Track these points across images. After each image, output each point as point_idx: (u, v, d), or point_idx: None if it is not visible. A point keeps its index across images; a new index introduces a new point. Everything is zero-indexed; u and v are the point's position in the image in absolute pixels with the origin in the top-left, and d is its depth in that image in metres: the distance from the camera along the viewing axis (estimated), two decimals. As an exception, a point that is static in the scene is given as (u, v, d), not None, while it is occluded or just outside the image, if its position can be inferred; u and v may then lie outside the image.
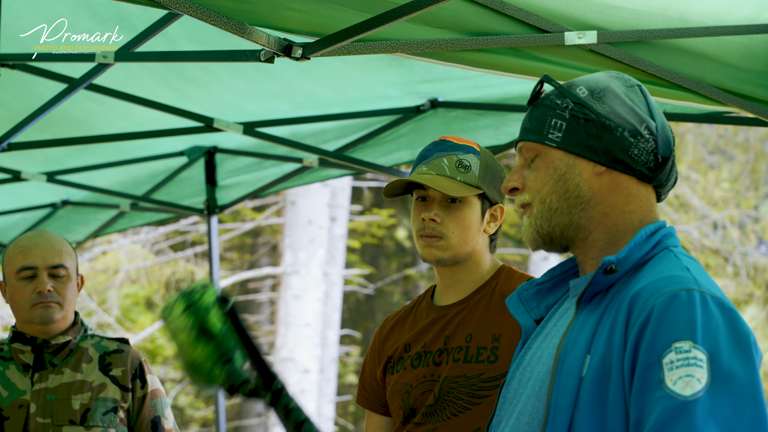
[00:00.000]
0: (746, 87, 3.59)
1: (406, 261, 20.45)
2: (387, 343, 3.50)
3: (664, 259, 2.38)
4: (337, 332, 15.30)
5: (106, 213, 7.21)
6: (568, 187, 2.45)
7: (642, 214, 2.46)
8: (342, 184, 14.98)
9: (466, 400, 3.28)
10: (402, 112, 5.22)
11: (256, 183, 6.36)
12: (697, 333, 2.19)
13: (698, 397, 2.15)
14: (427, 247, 3.34)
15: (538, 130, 2.48)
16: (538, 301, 2.62)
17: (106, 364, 4.02)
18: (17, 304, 3.98)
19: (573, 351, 2.35)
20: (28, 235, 4.04)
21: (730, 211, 16.50)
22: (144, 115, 5.33)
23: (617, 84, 2.48)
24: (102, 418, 3.94)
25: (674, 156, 2.50)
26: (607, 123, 2.42)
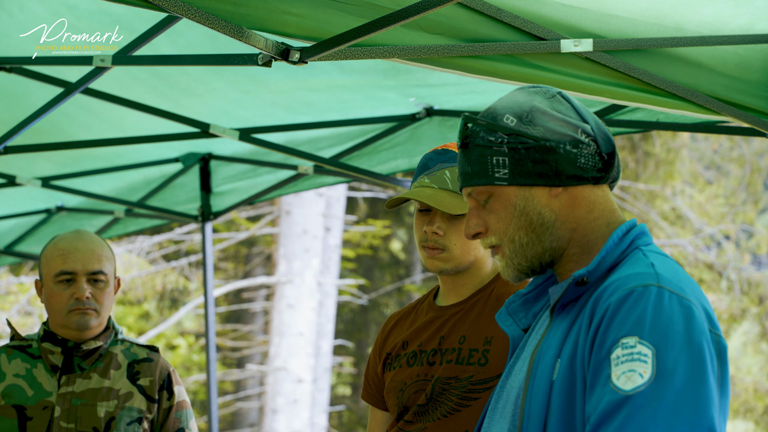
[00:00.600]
0: (741, 96, 3.60)
1: (401, 273, 20.44)
2: (388, 340, 3.57)
3: (632, 259, 2.39)
4: (331, 342, 15.29)
5: (100, 219, 7.21)
6: (531, 218, 2.45)
7: (606, 216, 2.47)
8: (337, 194, 14.98)
9: (456, 402, 3.32)
10: (398, 120, 5.23)
11: (251, 190, 6.36)
12: (645, 328, 2.20)
13: (638, 392, 2.15)
14: (429, 259, 3.40)
15: (482, 172, 2.46)
16: (525, 311, 2.64)
17: (134, 372, 3.99)
18: (53, 308, 3.94)
19: (545, 357, 2.37)
20: (68, 237, 3.98)
21: (725, 226, 16.52)
22: (139, 122, 5.33)
23: (539, 100, 2.47)
24: (126, 428, 3.90)
25: (615, 148, 2.50)
26: (547, 144, 2.41)
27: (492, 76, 3.45)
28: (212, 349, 6.37)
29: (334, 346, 17.64)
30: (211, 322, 6.43)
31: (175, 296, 18.09)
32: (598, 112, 4.73)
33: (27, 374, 3.95)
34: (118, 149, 5.86)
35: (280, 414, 14.12)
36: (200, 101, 5.03)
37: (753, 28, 3.48)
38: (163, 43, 4.27)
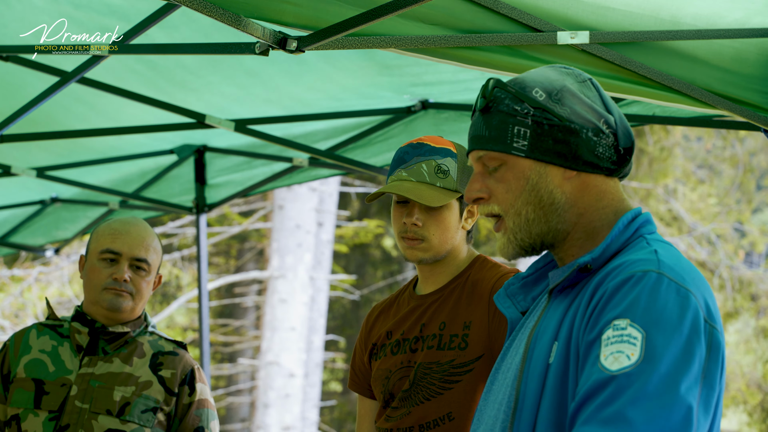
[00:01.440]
0: (736, 90, 3.61)
1: (393, 269, 20.45)
2: (373, 331, 3.67)
3: (636, 247, 2.39)
4: (322, 337, 15.30)
5: (95, 210, 7.22)
6: (542, 196, 2.44)
7: (615, 206, 2.47)
8: (330, 190, 14.98)
9: (438, 385, 3.41)
10: (393, 113, 5.24)
11: (246, 182, 6.37)
12: (637, 312, 2.20)
13: (623, 373, 2.15)
14: (409, 249, 3.49)
15: (500, 138, 2.44)
16: (524, 293, 2.64)
17: (157, 363, 3.99)
18: (91, 282, 3.96)
19: (542, 339, 2.38)
20: (123, 220, 4.01)
21: (718, 225, 16.54)
22: (135, 113, 5.34)
23: (571, 81, 2.45)
24: (140, 416, 3.90)
25: (634, 145, 2.50)
26: (571, 126, 2.41)
27: (488, 67, 3.46)
28: (206, 340, 6.37)
29: (325, 341, 17.64)
30: (205, 314, 6.44)
31: (166, 291, 18.08)
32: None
33: (52, 351, 3.99)
34: (113, 141, 5.86)
35: (271, 408, 14.12)
36: (196, 95, 5.04)
37: (749, 22, 3.49)
38: (159, 35, 4.28)
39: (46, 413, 3.89)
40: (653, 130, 15.94)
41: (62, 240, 7.71)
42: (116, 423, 3.88)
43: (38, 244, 7.85)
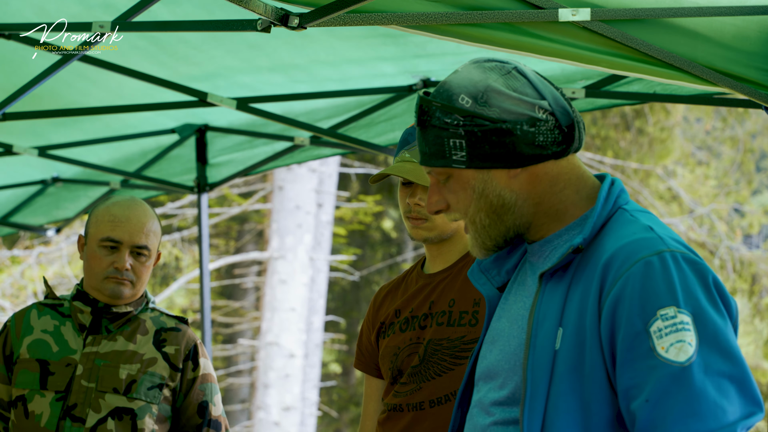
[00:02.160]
0: (738, 68, 3.61)
1: (392, 251, 20.46)
2: (380, 310, 3.70)
3: (622, 221, 2.40)
4: (322, 318, 15.31)
5: (96, 190, 7.22)
6: (491, 200, 2.44)
7: (575, 184, 2.47)
8: (329, 170, 14.98)
9: (449, 361, 3.45)
10: (395, 92, 5.24)
11: (247, 161, 6.37)
12: (679, 297, 2.24)
13: (693, 361, 2.20)
14: (414, 228, 3.55)
15: (439, 153, 2.43)
16: (498, 267, 2.64)
17: (160, 339, 4.00)
18: (92, 269, 3.97)
19: (544, 325, 2.38)
20: (122, 204, 3.99)
21: (717, 205, 16.55)
22: (137, 91, 5.34)
23: (495, 77, 2.42)
24: (146, 392, 3.92)
25: (577, 115, 2.47)
26: (504, 126, 2.38)
27: (489, 44, 3.45)
28: (207, 319, 6.39)
29: (325, 322, 17.65)
30: (206, 293, 6.45)
31: (166, 272, 18.09)
32: (596, 82, 4.76)
33: (55, 331, 4.00)
34: (115, 119, 5.86)
35: (271, 389, 14.15)
36: (198, 69, 5.03)
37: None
38: (162, 11, 4.27)
39: (52, 394, 3.91)
40: (653, 110, 15.93)
41: (63, 220, 7.72)
42: (123, 401, 3.90)
43: (39, 224, 7.85)
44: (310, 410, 15.12)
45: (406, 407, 3.52)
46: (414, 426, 3.51)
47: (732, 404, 2.19)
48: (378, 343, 3.68)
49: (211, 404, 4.04)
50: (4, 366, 4.02)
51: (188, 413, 4.01)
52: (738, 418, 2.19)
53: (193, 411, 4.02)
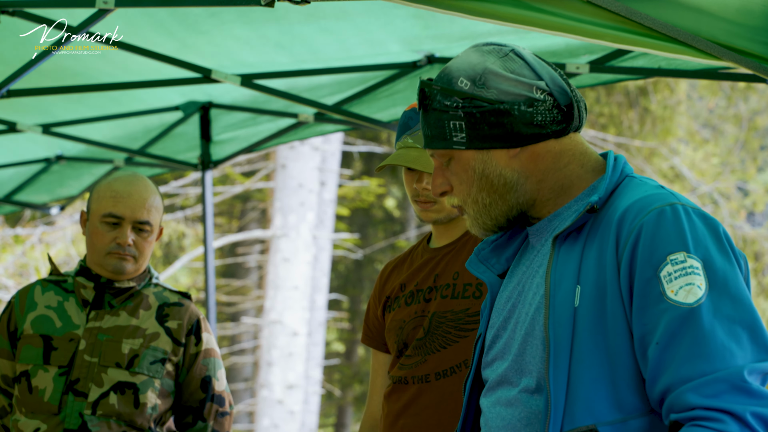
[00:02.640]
0: (741, 42, 3.61)
1: (395, 229, 20.48)
2: (386, 284, 3.72)
3: (632, 185, 2.45)
4: (326, 296, 15.34)
5: (100, 168, 7.22)
6: (492, 180, 2.48)
7: (579, 160, 2.51)
8: (332, 149, 14.98)
9: (454, 333, 3.48)
10: (399, 68, 5.24)
11: (251, 138, 6.38)
12: (689, 243, 2.28)
13: (701, 303, 2.24)
14: (423, 211, 3.57)
15: (440, 136, 2.49)
16: (497, 256, 2.68)
17: (163, 314, 4.02)
18: (94, 245, 3.98)
19: (562, 285, 2.40)
20: (123, 180, 4.01)
21: (721, 184, 16.55)
22: (142, 66, 5.34)
23: (492, 60, 2.47)
24: (149, 367, 3.94)
25: (576, 95, 2.52)
26: (501, 107, 2.43)
27: (494, 18, 3.44)
28: (211, 296, 6.40)
29: (328, 300, 17.68)
30: (211, 270, 6.46)
31: (169, 251, 18.11)
32: (600, 57, 4.75)
33: (58, 306, 4.02)
34: (119, 96, 5.86)
35: (275, 367, 14.18)
36: (206, 39, 5.00)
37: (754, -28, 3.49)
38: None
39: (55, 368, 3.93)
40: (657, 89, 15.91)
41: (67, 198, 7.73)
42: (126, 375, 3.92)
43: (43, 202, 7.87)
44: (313, 388, 15.16)
45: (411, 380, 3.54)
46: (419, 398, 3.53)
47: (742, 348, 2.21)
48: (384, 317, 3.70)
49: (215, 379, 4.06)
50: (9, 342, 4.04)
51: (191, 388, 4.03)
52: (747, 362, 2.20)
53: (196, 385, 4.03)
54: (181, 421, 4.07)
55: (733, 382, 2.19)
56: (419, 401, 3.53)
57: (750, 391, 2.19)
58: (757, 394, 2.19)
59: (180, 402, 4.05)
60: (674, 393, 2.23)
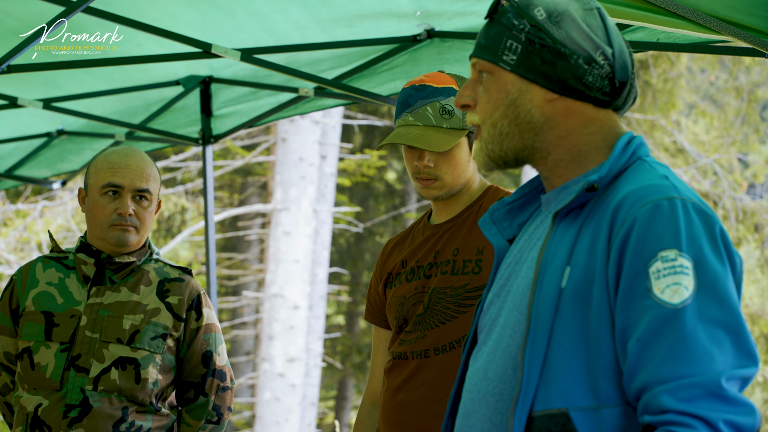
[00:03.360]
0: (740, 16, 3.61)
1: (396, 202, 20.47)
2: (388, 261, 3.75)
3: (639, 169, 2.41)
4: (326, 270, 15.35)
5: (101, 143, 7.21)
6: (519, 112, 2.46)
7: (603, 133, 2.48)
8: (333, 122, 14.97)
9: (453, 309, 3.51)
10: (398, 42, 5.24)
11: (251, 113, 6.37)
12: (682, 241, 2.24)
13: (687, 305, 2.19)
14: (424, 188, 3.59)
15: (493, 49, 2.48)
16: (510, 220, 2.66)
17: (164, 290, 4.03)
18: (95, 219, 3.99)
19: (552, 264, 2.38)
20: (120, 152, 4.01)
21: (721, 156, 16.53)
22: (142, 41, 5.33)
23: (576, 7, 2.45)
24: (150, 342, 3.95)
25: (633, 78, 2.50)
26: (562, 50, 2.42)
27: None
28: (212, 270, 6.41)
29: (329, 273, 17.69)
30: (212, 245, 6.46)
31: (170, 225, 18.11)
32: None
33: (59, 283, 4.03)
34: (119, 71, 5.86)
35: (276, 340, 14.21)
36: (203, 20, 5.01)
37: (754, -54, 3.49)
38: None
39: (57, 345, 3.94)
40: (657, 62, 15.89)
41: (68, 172, 7.73)
42: (127, 351, 3.93)
43: (44, 177, 7.87)
44: (314, 361, 15.19)
45: (411, 355, 3.56)
46: (418, 373, 3.55)
47: (723, 353, 2.18)
48: (385, 293, 3.73)
49: (215, 354, 4.08)
50: (11, 319, 4.05)
51: (192, 363, 4.05)
52: (727, 368, 2.17)
53: (197, 361, 4.05)
54: (183, 396, 4.09)
55: (709, 387, 2.15)
56: (418, 376, 3.55)
57: (725, 398, 2.15)
58: (732, 401, 2.15)
59: (181, 377, 4.07)
60: (650, 393, 2.19)
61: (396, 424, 3.59)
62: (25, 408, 3.94)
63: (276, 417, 14.12)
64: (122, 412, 3.91)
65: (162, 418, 4.01)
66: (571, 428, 2.27)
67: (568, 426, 2.28)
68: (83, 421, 3.88)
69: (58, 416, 3.89)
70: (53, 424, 3.89)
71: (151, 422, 3.97)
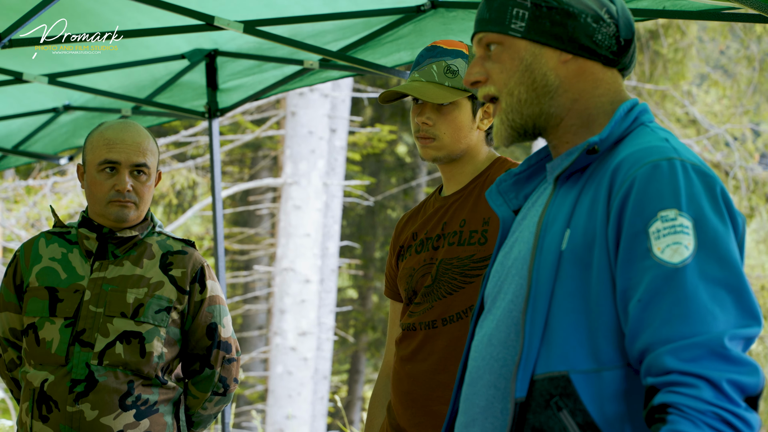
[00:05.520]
0: (747, -19, 3.58)
1: (406, 175, 20.46)
2: (401, 235, 3.78)
3: (641, 133, 2.41)
4: (337, 243, 15.36)
5: (107, 117, 7.20)
6: (536, 77, 2.46)
7: (611, 96, 2.48)
8: (342, 96, 14.95)
9: (459, 279, 3.52)
10: (403, 12, 5.22)
11: (257, 86, 6.36)
12: (682, 201, 2.23)
13: (687, 264, 2.18)
14: (423, 148, 3.60)
15: (499, 20, 2.47)
16: (516, 191, 2.65)
17: (167, 263, 4.02)
18: (94, 196, 3.97)
19: (553, 227, 2.39)
20: (115, 127, 3.98)
21: (733, 126, 16.48)
22: (145, 15, 5.32)
23: None
24: (154, 316, 3.94)
25: (635, 39, 2.51)
26: (570, 9, 2.43)
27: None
28: (220, 245, 6.40)
29: (340, 247, 17.70)
30: (219, 219, 6.46)
31: (181, 199, 18.13)
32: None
33: (62, 258, 4.03)
34: (124, 47, 5.84)
35: (287, 314, 14.23)
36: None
37: None
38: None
39: (61, 320, 3.94)
40: (668, 32, 15.83)
41: (76, 148, 7.72)
42: (131, 324, 3.93)
43: (52, 153, 7.86)
44: (326, 335, 15.21)
45: (419, 326, 3.58)
46: (427, 344, 3.57)
47: (726, 313, 2.16)
48: (398, 266, 3.75)
49: (220, 326, 4.07)
50: (15, 296, 4.06)
51: (197, 335, 4.04)
52: (729, 327, 2.15)
53: (202, 333, 4.05)
54: (189, 369, 4.09)
55: (711, 347, 2.13)
56: (426, 347, 3.57)
57: (728, 358, 2.13)
58: (735, 361, 2.13)
59: (187, 350, 4.06)
60: (652, 354, 2.18)
61: (404, 394, 3.61)
62: (32, 383, 3.94)
63: (288, 390, 14.15)
64: (128, 386, 3.91)
65: (168, 391, 4.01)
66: (571, 391, 2.27)
67: (568, 389, 2.27)
68: (89, 396, 3.88)
69: (64, 391, 3.89)
70: (59, 399, 3.89)
71: (157, 395, 3.97)
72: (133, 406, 3.91)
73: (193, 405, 4.10)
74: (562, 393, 2.28)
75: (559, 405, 2.28)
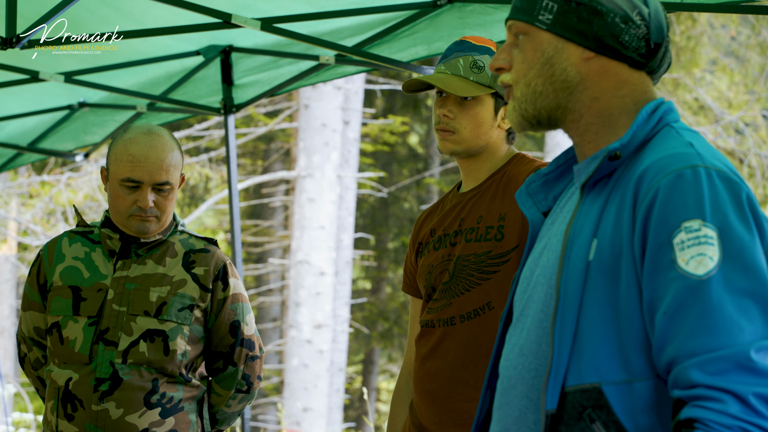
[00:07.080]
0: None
1: (419, 167, 20.46)
2: (420, 231, 3.79)
3: (666, 136, 2.38)
4: (351, 235, 15.37)
5: (123, 114, 7.22)
6: (555, 71, 2.44)
7: (636, 96, 2.45)
8: (355, 88, 14.95)
9: (476, 276, 3.53)
10: (419, 7, 5.22)
11: (273, 81, 6.36)
12: (706, 210, 2.20)
13: (712, 275, 2.16)
14: (442, 140, 3.61)
15: (528, 9, 2.46)
16: (545, 192, 2.63)
17: (189, 261, 4.03)
18: (116, 207, 3.96)
19: (580, 236, 2.36)
20: (140, 142, 3.92)
21: (746, 113, 16.44)
22: (160, 15, 5.33)
23: None
24: (177, 314, 3.96)
25: (668, 41, 2.47)
26: (598, 8, 2.40)
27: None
28: (237, 240, 6.42)
29: (354, 239, 17.71)
30: (236, 214, 6.48)
31: (195, 193, 18.16)
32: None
33: (85, 257, 4.04)
34: (139, 44, 5.85)
35: (303, 307, 14.25)
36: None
37: None
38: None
39: (85, 319, 3.96)
40: (679, 20, 15.79)
41: (91, 144, 7.74)
42: (155, 323, 3.95)
43: (67, 149, 7.88)
44: (341, 327, 15.23)
45: (437, 323, 3.59)
46: (445, 341, 3.57)
47: (752, 323, 2.13)
48: (417, 263, 3.76)
49: (243, 323, 4.08)
50: (39, 295, 4.08)
51: (220, 333, 4.06)
52: (756, 338, 2.12)
53: (225, 331, 4.06)
54: (212, 367, 4.11)
55: (737, 360, 2.10)
56: (444, 344, 3.58)
57: (755, 370, 2.10)
58: (762, 373, 2.10)
59: (210, 348, 4.08)
60: (678, 367, 2.15)
61: (425, 393, 3.62)
62: (56, 382, 3.97)
63: (304, 383, 14.18)
64: (152, 384, 3.92)
65: (193, 389, 4.03)
66: (604, 402, 2.26)
67: (601, 400, 2.26)
68: (114, 394, 3.90)
69: (88, 390, 3.91)
70: (84, 397, 3.91)
71: (182, 393, 3.99)
72: (158, 404, 3.93)
73: (217, 403, 4.12)
74: (595, 405, 2.26)
75: (592, 417, 2.26)
